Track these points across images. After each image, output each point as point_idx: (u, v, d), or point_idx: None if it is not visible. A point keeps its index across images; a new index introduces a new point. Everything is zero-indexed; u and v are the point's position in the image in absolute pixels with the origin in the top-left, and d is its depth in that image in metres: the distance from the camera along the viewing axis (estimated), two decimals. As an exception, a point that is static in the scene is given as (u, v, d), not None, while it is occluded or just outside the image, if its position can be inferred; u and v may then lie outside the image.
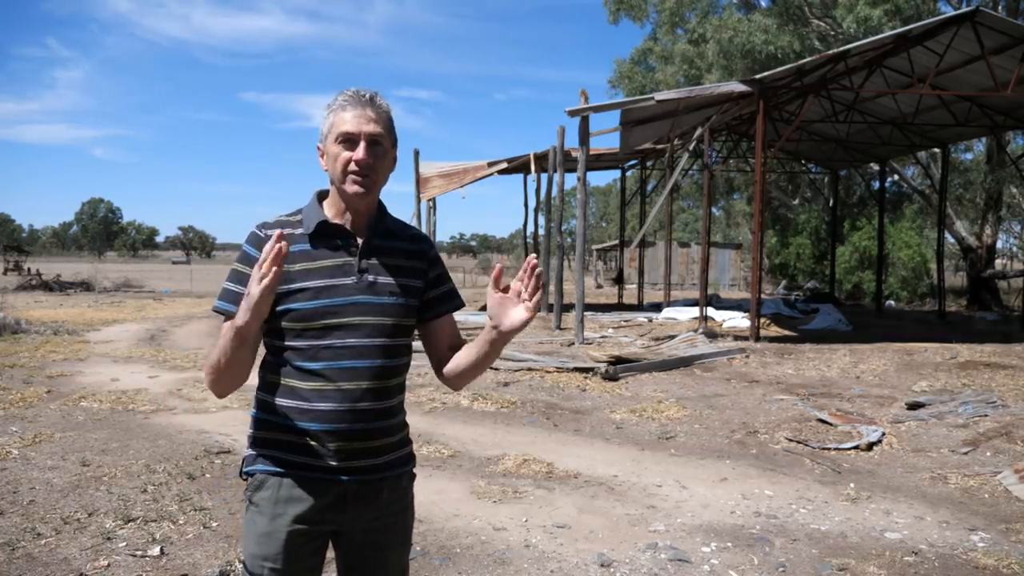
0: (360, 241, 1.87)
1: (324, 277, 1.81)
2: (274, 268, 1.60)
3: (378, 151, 1.83)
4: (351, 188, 1.82)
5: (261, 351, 1.91)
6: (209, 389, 1.84)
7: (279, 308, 1.80)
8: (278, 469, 1.83)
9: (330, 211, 1.88)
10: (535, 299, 1.74)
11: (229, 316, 1.81)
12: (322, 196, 1.92)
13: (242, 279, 1.81)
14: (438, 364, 2.01)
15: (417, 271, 1.94)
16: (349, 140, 1.80)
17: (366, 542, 1.91)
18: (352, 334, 1.81)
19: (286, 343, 1.82)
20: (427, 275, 1.97)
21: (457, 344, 2.01)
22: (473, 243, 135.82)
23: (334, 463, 1.82)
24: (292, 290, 1.80)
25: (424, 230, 20.63)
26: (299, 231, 1.86)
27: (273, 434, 1.85)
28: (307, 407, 1.80)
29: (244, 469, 1.90)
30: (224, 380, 1.78)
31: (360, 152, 1.80)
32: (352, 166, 1.80)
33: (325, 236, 1.85)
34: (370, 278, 1.85)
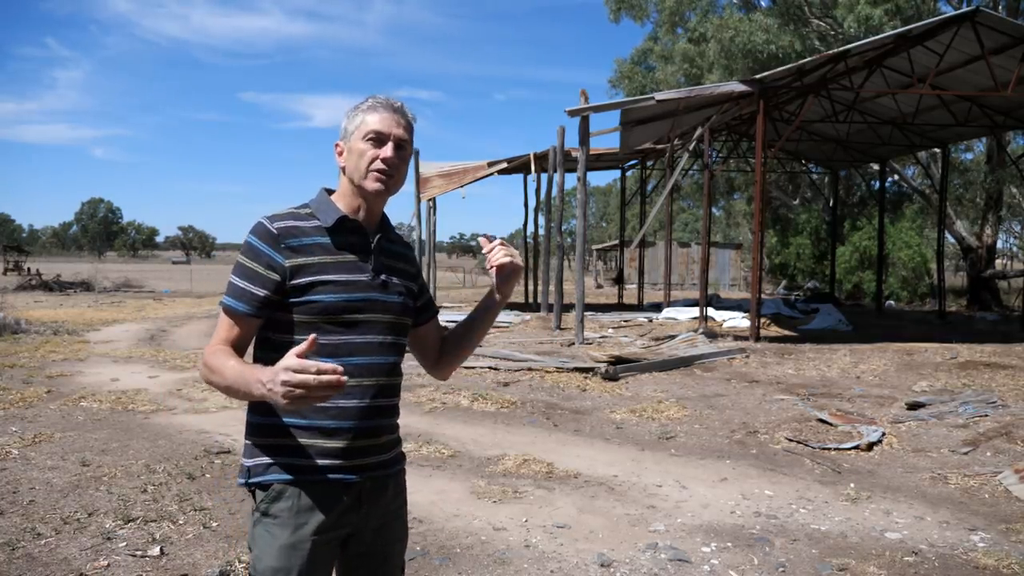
0: (373, 240, 1.89)
1: (344, 272, 1.81)
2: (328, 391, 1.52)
3: (402, 155, 1.86)
4: (372, 186, 1.83)
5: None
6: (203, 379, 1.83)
7: (297, 300, 1.77)
8: (296, 477, 1.78)
9: (341, 207, 1.88)
10: (508, 257, 1.92)
11: (235, 313, 1.79)
12: (329, 193, 1.92)
13: (248, 274, 1.78)
14: (431, 362, 2.09)
15: (412, 275, 2.00)
16: (378, 139, 1.83)
17: (375, 540, 1.92)
18: (369, 330, 1.82)
19: (299, 337, 1.73)
20: (417, 280, 2.03)
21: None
22: (473, 243, 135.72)
23: (350, 463, 1.81)
24: (312, 282, 1.77)
25: (424, 230, 20.72)
26: (312, 223, 1.84)
27: (284, 439, 1.80)
28: (327, 404, 1.74)
29: (253, 480, 1.82)
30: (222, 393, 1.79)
31: (388, 151, 1.82)
32: (378, 164, 1.82)
33: (342, 232, 1.85)
34: (383, 276, 1.87)
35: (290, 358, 1.51)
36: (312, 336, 1.55)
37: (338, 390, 1.50)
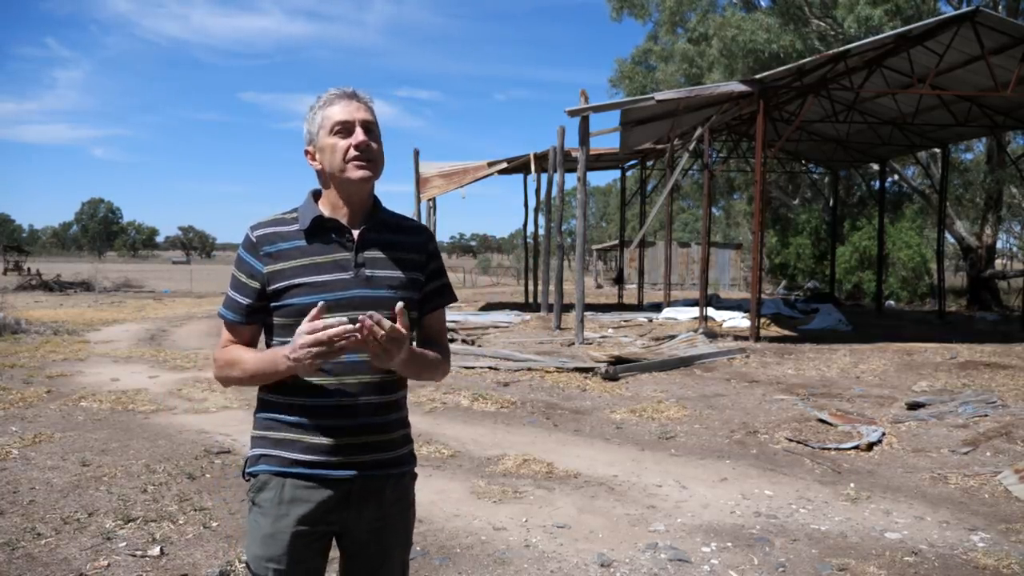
0: (356, 235, 1.86)
1: (320, 272, 1.81)
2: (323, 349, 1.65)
3: (372, 137, 1.85)
4: (356, 174, 1.82)
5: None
6: (217, 380, 1.91)
7: (275, 304, 1.82)
8: (281, 469, 1.82)
9: (326, 208, 1.88)
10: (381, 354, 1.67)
11: (228, 322, 1.89)
12: (317, 195, 1.92)
13: (235, 285, 1.87)
14: None
15: (416, 264, 1.93)
16: (344, 128, 1.81)
17: (370, 542, 1.90)
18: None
19: (283, 339, 1.82)
20: (426, 268, 1.96)
21: (441, 337, 2.02)
22: (473, 243, 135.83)
23: (337, 459, 1.81)
24: (288, 286, 1.80)
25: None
26: (294, 228, 1.86)
27: (275, 433, 1.84)
28: (309, 403, 1.80)
29: (246, 470, 1.89)
30: (242, 387, 1.86)
31: (359, 135, 1.81)
32: (353, 151, 1.81)
33: (320, 231, 1.85)
34: (367, 272, 1.84)
35: (303, 324, 1.66)
36: (321, 303, 1.67)
37: (353, 340, 1.63)
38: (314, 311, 1.65)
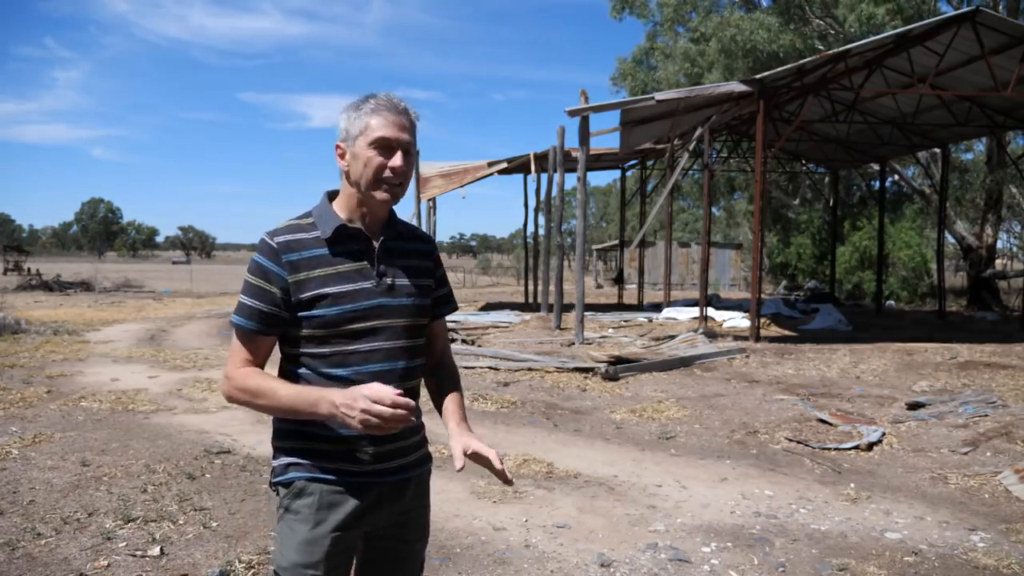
0: (376, 244, 1.86)
1: (344, 282, 1.80)
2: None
3: (409, 160, 1.83)
4: (382, 196, 1.81)
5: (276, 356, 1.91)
6: (226, 399, 1.84)
7: (302, 315, 1.79)
8: (318, 475, 1.82)
9: (343, 213, 1.86)
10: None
11: (245, 332, 1.81)
12: (332, 196, 1.90)
13: (256, 293, 1.80)
14: (425, 364, 2.05)
15: (427, 271, 1.96)
16: (386, 147, 1.78)
17: (392, 537, 1.94)
18: (377, 337, 1.81)
19: (308, 350, 1.81)
20: (435, 274, 2.00)
21: (445, 347, 2.08)
22: (473, 243, 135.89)
23: (369, 467, 1.83)
24: (314, 297, 1.78)
25: (425, 230, 20.78)
26: (313, 235, 1.82)
27: (307, 443, 1.83)
28: None
29: (275, 479, 1.88)
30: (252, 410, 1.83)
31: (398, 160, 1.79)
32: (388, 174, 1.79)
33: (342, 240, 1.83)
34: (389, 280, 1.85)
35: (370, 388, 1.65)
36: (398, 391, 1.68)
37: (408, 423, 1.68)
38: (395, 394, 1.65)
